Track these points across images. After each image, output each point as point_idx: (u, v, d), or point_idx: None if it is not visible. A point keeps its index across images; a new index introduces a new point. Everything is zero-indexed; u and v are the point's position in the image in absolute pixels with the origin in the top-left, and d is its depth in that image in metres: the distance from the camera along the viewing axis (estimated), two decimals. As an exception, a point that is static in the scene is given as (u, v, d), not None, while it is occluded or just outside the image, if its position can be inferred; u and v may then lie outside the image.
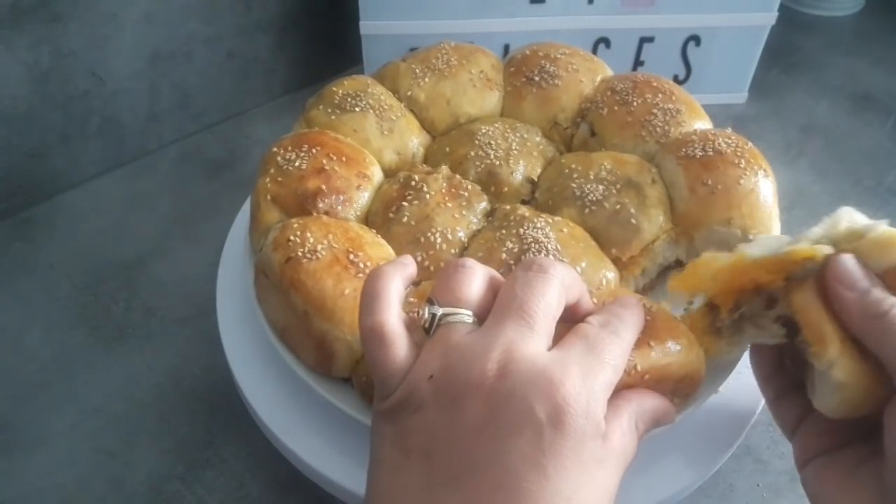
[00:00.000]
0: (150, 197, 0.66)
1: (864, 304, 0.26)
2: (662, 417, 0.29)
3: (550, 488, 0.21)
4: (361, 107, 0.48)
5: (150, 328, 0.54)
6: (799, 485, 0.44)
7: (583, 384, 0.23)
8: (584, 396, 0.22)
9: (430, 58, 0.52)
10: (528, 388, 0.22)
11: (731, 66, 0.74)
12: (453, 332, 0.25)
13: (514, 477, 0.21)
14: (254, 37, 0.73)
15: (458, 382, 0.23)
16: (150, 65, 0.67)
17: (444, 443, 0.23)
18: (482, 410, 0.22)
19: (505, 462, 0.21)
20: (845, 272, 0.27)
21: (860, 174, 0.69)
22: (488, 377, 0.23)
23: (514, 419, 0.22)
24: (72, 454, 0.46)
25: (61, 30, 0.59)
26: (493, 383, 0.22)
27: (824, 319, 0.28)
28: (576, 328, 0.26)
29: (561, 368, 0.23)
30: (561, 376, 0.22)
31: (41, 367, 0.51)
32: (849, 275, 0.27)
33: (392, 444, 0.24)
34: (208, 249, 0.56)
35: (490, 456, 0.22)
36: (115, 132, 0.67)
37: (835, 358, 0.28)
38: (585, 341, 0.25)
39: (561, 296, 0.25)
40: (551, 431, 0.22)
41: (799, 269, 0.29)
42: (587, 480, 0.22)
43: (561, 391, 0.22)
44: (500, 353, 0.23)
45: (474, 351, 0.23)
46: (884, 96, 0.80)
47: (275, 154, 0.44)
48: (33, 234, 0.62)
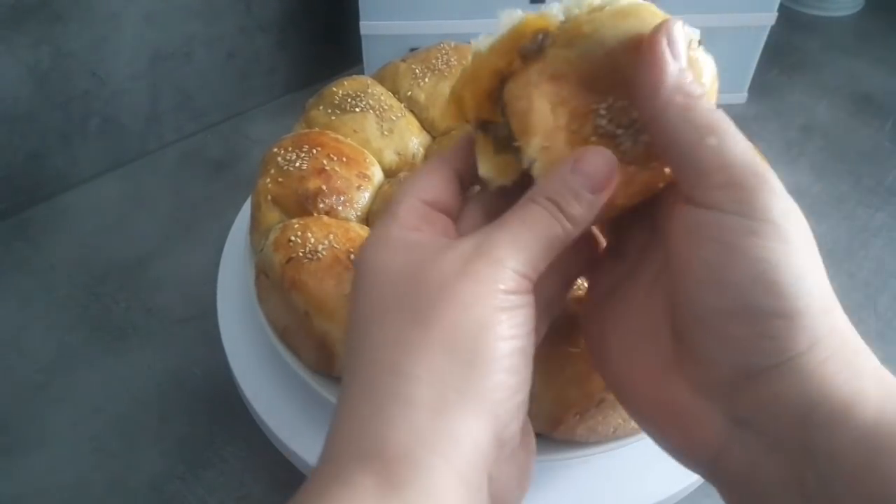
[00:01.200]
0: (151, 197, 0.66)
1: (680, 81, 0.21)
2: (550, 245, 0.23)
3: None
4: (361, 107, 0.48)
5: (150, 328, 0.54)
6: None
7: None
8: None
9: (430, 58, 0.52)
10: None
11: (731, 66, 0.74)
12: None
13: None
14: (254, 37, 0.73)
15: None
16: (151, 65, 0.67)
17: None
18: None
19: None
20: (675, 37, 0.22)
21: (860, 174, 0.69)
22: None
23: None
24: (72, 454, 0.46)
25: (61, 30, 0.59)
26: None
27: (532, 108, 0.23)
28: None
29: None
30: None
31: (41, 366, 0.51)
32: (676, 44, 0.22)
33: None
34: (209, 249, 0.56)
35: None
36: (115, 132, 0.67)
37: (535, 154, 0.24)
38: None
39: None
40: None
41: (531, 44, 0.24)
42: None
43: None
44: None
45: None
46: (883, 96, 0.80)
47: (275, 154, 0.44)
48: (33, 234, 0.62)
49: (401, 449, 0.19)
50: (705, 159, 0.21)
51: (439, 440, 0.19)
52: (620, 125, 0.24)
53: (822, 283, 0.21)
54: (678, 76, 0.22)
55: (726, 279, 0.20)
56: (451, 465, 0.19)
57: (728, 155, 0.21)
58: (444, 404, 0.19)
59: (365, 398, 0.20)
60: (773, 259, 0.20)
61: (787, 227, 0.20)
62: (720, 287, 0.21)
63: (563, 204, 0.22)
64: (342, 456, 0.20)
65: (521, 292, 0.21)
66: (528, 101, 0.24)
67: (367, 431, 0.20)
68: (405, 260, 0.22)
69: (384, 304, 0.21)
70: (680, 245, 0.22)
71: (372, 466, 0.19)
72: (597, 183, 0.23)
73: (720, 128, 0.21)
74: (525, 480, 0.24)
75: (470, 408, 0.20)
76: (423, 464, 0.19)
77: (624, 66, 0.23)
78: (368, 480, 0.19)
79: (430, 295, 0.21)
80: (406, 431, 0.19)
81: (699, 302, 0.21)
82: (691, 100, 0.21)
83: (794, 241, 0.20)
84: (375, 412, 0.20)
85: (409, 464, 0.19)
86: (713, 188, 0.21)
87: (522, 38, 0.24)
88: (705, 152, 0.21)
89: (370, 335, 0.21)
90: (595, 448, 0.35)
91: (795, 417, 0.20)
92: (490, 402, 0.20)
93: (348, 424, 0.20)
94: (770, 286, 0.20)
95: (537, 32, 0.24)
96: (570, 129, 0.24)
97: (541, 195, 0.23)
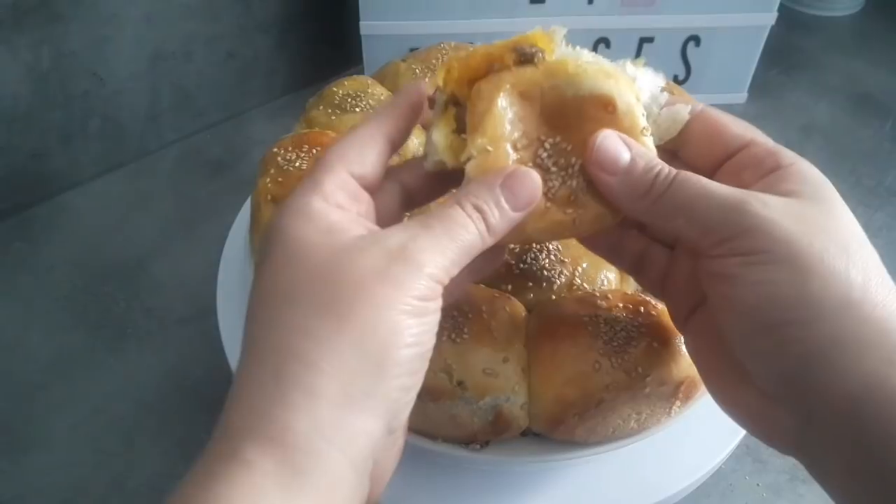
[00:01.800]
0: (151, 197, 0.66)
1: (627, 184, 0.24)
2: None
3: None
4: (362, 107, 0.48)
5: (150, 328, 0.54)
6: (799, 484, 0.45)
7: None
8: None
9: (430, 58, 0.52)
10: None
11: (731, 66, 0.74)
12: None
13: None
14: (254, 37, 0.73)
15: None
16: (151, 65, 0.67)
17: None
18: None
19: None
20: (604, 153, 0.24)
21: (860, 174, 0.69)
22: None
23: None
24: (72, 454, 0.46)
25: (62, 30, 0.59)
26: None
27: (490, 111, 0.25)
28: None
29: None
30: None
31: (41, 367, 0.51)
32: (607, 155, 0.24)
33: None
34: (208, 249, 0.56)
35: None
36: (115, 132, 0.67)
37: (475, 153, 0.25)
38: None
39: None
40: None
41: (528, 49, 0.26)
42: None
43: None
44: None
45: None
46: (883, 96, 0.80)
47: (275, 154, 0.44)
48: (33, 234, 0.62)
49: (302, 438, 0.20)
50: (685, 234, 0.25)
51: (339, 434, 0.20)
52: (557, 164, 0.26)
53: (834, 284, 0.22)
54: (632, 184, 0.24)
55: (740, 307, 0.23)
56: (346, 457, 0.20)
57: (700, 225, 0.24)
58: (347, 401, 0.20)
59: (268, 381, 0.21)
60: (772, 279, 0.22)
61: (777, 248, 0.22)
62: (737, 314, 0.24)
63: (486, 214, 0.24)
64: (241, 435, 0.20)
65: (433, 299, 0.22)
66: (490, 104, 0.25)
67: (269, 415, 0.20)
68: (324, 242, 0.22)
69: (298, 287, 0.22)
70: (705, 285, 0.25)
71: (272, 450, 0.19)
72: (520, 202, 0.24)
73: (682, 204, 0.24)
74: (399, 455, 0.26)
75: (370, 407, 0.21)
76: (323, 455, 0.20)
77: (584, 116, 0.25)
78: (268, 464, 0.19)
79: (347, 290, 0.21)
80: (308, 421, 0.20)
81: (728, 329, 0.24)
82: (648, 199, 0.24)
83: (793, 259, 0.22)
84: (279, 398, 0.20)
85: (309, 453, 0.20)
86: (705, 247, 0.24)
87: (525, 42, 0.26)
88: (684, 230, 0.24)
89: (280, 316, 0.21)
90: (594, 448, 0.35)
91: (844, 414, 0.22)
92: (389, 401, 0.21)
93: (248, 404, 0.21)
94: (775, 301, 0.22)
95: (536, 44, 0.26)
96: (515, 145, 0.25)
97: (467, 201, 0.24)
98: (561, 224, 0.26)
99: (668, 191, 0.24)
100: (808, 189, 0.24)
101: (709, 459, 0.39)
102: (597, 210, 0.26)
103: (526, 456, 0.35)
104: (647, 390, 0.33)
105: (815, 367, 0.22)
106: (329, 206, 0.23)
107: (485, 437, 0.35)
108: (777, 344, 0.23)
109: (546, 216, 0.25)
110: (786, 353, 0.23)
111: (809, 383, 0.22)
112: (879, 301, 0.22)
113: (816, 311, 0.22)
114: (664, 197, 0.24)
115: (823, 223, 0.23)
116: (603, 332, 0.33)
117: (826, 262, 0.22)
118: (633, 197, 0.25)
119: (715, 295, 0.25)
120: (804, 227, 0.23)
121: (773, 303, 0.22)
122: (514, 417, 0.34)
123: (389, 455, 0.25)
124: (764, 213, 0.23)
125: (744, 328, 0.24)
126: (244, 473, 0.19)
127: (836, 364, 0.22)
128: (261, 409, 0.20)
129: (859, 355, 0.21)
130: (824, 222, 0.23)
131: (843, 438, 0.22)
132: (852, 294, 0.22)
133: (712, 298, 0.25)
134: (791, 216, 0.23)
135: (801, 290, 0.22)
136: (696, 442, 0.39)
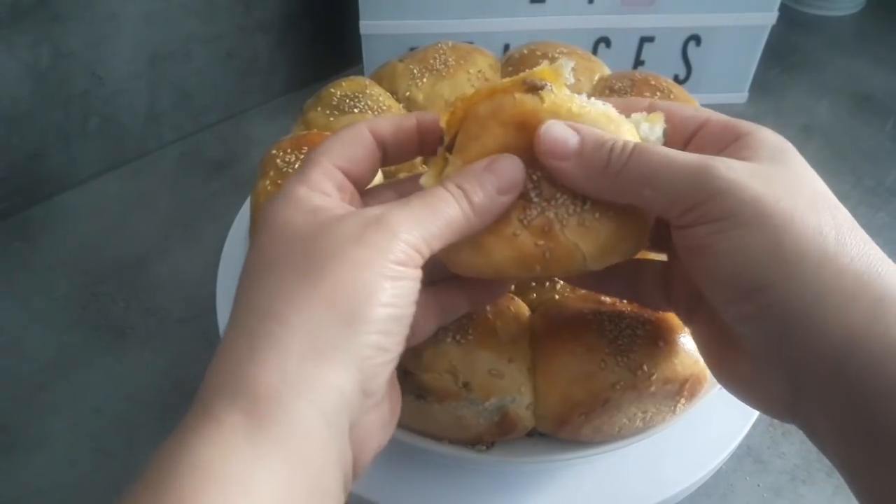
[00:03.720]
0: (150, 197, 0.66)
1: (582, 166, 0.24)
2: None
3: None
4: (360, 108, 0.47)
5: (149, 328, 0.53)
6: (800, 484, 0.45)
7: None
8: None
9: (428, 58, 0.52)
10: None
11: (732, 65, 0.73)
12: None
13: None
14: (253, 36, 0.73)
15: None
16: (150, 65, 0.66)
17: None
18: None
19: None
20: (551, 140, 0.24)
21: (860, 174, 0.69)
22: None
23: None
24: (71, 454, 0.45)
25: (61, 29, 0.59)
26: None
27: (481, 139, 0.25)
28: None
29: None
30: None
31: (40, 367, 0.51)
32: (555, 141, 0.24)
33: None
34: (208, 249, 0.56)
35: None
36: (114, 132, 0.67)
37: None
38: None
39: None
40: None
41: (539, 81, 0.26)
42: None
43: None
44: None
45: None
46: (884, 96, 0.80)
47: (274, 156, 0.44)
48: (32, 234, 0.61)
49: (270, 389, 0.20)
50: (653, 205, 0.24)
51: (307, 385, 0.20)
52: (539, 194, 0.26)
53: (807, 240, 0.22)
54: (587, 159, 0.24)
55: (717, 277, 0.23)
56: (316, 408, 0.20)
57: (666, 194, 0.24)
58: (316, 354, 0.21)
59: (242, 341, 0.21)
60: (744, 245, 0.22)
61: (745, 210, 0.22)
62: (716, 284, 0.24)
63: (469, 192, 0.24)
64: (214, 394, 0.20)
65: (409, 265, 0.23)
66: (482, 130, 0.25)
67: (239, 372, 0.20)
68: (305, 220, 0.23)
69: (277, 257, 0.23)
70: (684, 260, 0.25)
71: (241, 404, 0.20)
72: (504, 184, 0.25)
73: (645, 174, 0.24)
74: (388, 428, 0.25)
75: (339, 360, 0.21)
76: (290, 405, 0.20)
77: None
78: (236, 416, 0.20)
79: (322, 254, 0.22)
80: (276, 374, 0.20)
81: (713, 299, 0.24)
82: (608, 176, 0.24)
83: (762, 219, 0.22)
84: (249, 354, 0.21)
85: (277, 403, 0.20)
86: (674, 216, 0.24)
87: (533, 76, 0.26)
88: (652, 201, 0.24)
89: (258, 284, 0.22)
90: (599, 447, 0.35)
91: (831, 371, 0.21)
92: (359, 358, 0.21)
93: (223, 365, 0.21)
94: (749, 267, 0.22)
95: (545, 79, 0.26)
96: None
97: (450, 182, 0.25)
98: (531, 257, 0.25)
99: (629, 163, 0.24)
100: (768, 153, 0.24)
101: (709, 460, 0.39)
102: (569, 247, 0.25)
103: (531, 456, 0.35)
104: (652, 388, 0.33)
105: (797, 326, 0.22)
106: (313, 192, 0.24)
107: (490, 439, 0.35)
108: (759, 308, 0.22)
109: (515, 243, 0.25)
110: (768, 315, 0.22)
111: (795, 343, 0.22)
112: (855, 254, 0.22)
113: (793, 269, 0.22)
114: (625, 170, 0.24)
115: (788, 183, 0.23)
116: (608, 331, 0.33)
117: (796, 219, 0.22)
118: (592, 175, 0.24)
119: (694, 269, 0.24)
120: (770, 188, 0.22)
121: (748, 269, 0.22)
122: (519, 418, 0.34)
123: (373, 421, 0.24)
124: (729, 176, 0.22)
125: (726, 296, 0.24)
126: (214, 428, 0.19)
127: (817, 320, 0.21)
128: (232, 366, 0.21)
129: (840, 309, 0.21)
130: (788, 182, 0.23)
131: (831, 399, 0.22)
132: (826, 248, 0.22)
133: (693, 273, 0.25)
134: (756, 178, 0.23)
135: (774, 251, 0.22)
136: (695, 442, 0.39)
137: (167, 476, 0.19)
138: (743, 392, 0.26)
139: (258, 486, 0.19)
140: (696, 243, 0.23)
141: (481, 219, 0.24)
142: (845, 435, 0.22)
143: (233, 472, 0.19)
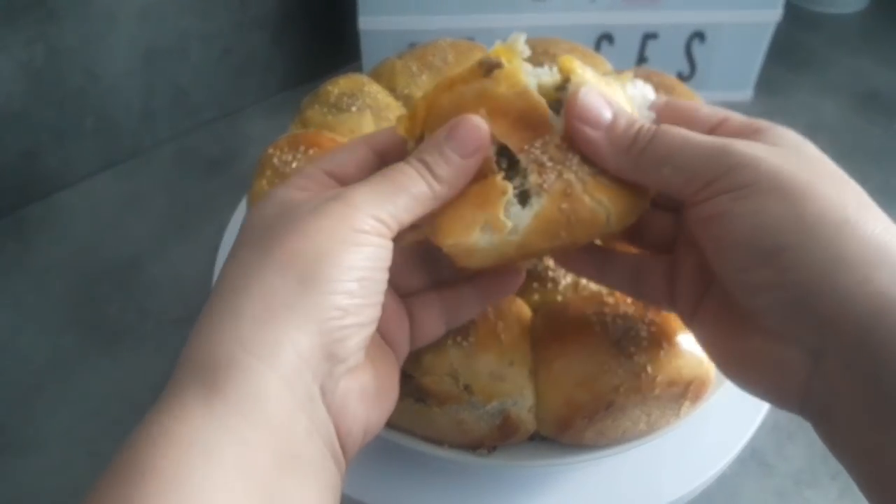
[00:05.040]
0: (146, 196, 0.65)
1: (610, 141, 0.25)
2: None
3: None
4: (358, 106, 0.47)
5: (145, 329, 0.53)
6: (804, 488, 0.44)
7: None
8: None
9: (427, 55, 0.51)
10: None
11: (737, 63, 0.73)
12: None
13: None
14: (250, 33, 0.72)
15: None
16: (145, 62, 0.66)
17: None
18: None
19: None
20: (587, 108, 0.25)
21: (866, 172, 0.68)
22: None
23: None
24: (67, 457, 0.45)
25: (56, 27, 0.59)
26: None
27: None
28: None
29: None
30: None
31: (35, 368, 0.50)
32: (590, 110, 0.25)
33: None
34: (204, 249, 0.55)
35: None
36: (109, 130, 0.67)
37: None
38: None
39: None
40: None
41: (493, 59, 0.26)
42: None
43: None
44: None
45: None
46: (890, 94, 0.79)
47: (271, 156, 0.43)
48: (27, 234, 0.61)
49: (226, 355, 0.20)
50: (671, 184, 0.24)
51: (261, 347, 0.20)
52: (552, 158, 0.25)
53: (830, 204, 0.22)
54: (617, 135, 0.25)
55: (734, 241, 0.23)
56: (273, 370, 0.20)
57: (685, 171, 0.24)
58: (270, 315, 0.21)
59: (205, 319, 0.22)
60: (763, 208, 0.22)
61: (764, 180, 0.22)
62: (732, 250, 0.23)
63: (431, 164, 0.24)
64: (180, 370, 0.21)
65: (374, 234, 0.23)
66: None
67: (200, 346, 0.21)
68: (274, 210, 0.24)
69: (241, 244, 0.24)
70: (698, 236, 0.25)
71: (200, 374, 0.20)
72: (466, 148, 0.24)
73: (665, 154, 0.24)
74: (377, 402, 0.25)
75: (294, 320, 0.21)
76: (245, 368, 0.20)
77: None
78: (195, 388, 0.20)
79: (282, 229, 0.22)
80: (230, 340, 0.21)
81: (727, 272, 0.24)
82: (632, 153, 0.24)
83: (782, 187, 0.22)
84: (209, 327, 0.21)
85: (232, 368, 0.20)
86: (691, 193, 0.24)
87: (487, 57, 0.26)
88: (670, 180, 0.24)
89: (228, 267, 0.23)
90: (602, 451, 0.35)
91: (853, 340, 0.21)
92: (317, 319, 0.21)
93: (188, 347, 0.22)
94: (767, 228, 0.22)
95: (499, 57, 0.26)
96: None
97: (412, 156, 0.25)
98: (556, 223, 0.25)
99: (652, 143, 0.24)
100: (788, 143, 0.24)
101: (713, 463, 0.38)
102: (593, 207, 0.25)
103: (533, 460, 0.34)
104: (656, 391, 0.32)
105: (819, 292, 0.21)
106: (290, 189, 0.25)
107: (492, 443, 0.34)
108: (778, 272, 0.22)
109: (542, 213, 0.24)
110: (788, 280, 0.22)
111: (817, 311, 0.21)
112: (877, 227, 0.21)
113: (815, 232, 0.21)
114: (648, 149, 0.24)
115: (808, 161, 0.23)
116: (611, 333, 0.32)
117: (817, 189, 0.22)
118: (618, 151, 0.25)
119: (708, 240, 0.24)
120: (789, 163, 0.22)
121: (767, 231, 0.22)
122: (521, 421, 0.33)
123: (350, 389, 0.23)
124: (748, 151, 0.23)
125: (742, 263, 0.23)
126: (176, 400, 0.20)
127: (840, 286, 0.21)
128: (196, 340, 0.21)
129: (865, 275, 0.20)
130: (808, 162, 0.23)
131: (855, 374, 0.21)
132: (848, 213, 0.21)
133: (706, 246, 0.24)
134: (775, 155, 0.23)
135: (796, 213, 0.21)
136: (700, 446, 0.39)
137: (133, 450, 0.19)
138: (753, 380, 0.25)
139: (220, 448, 0.19)
140: (714, 211, 0.23)
141: (449, 187, 0.24)
142: (864, 408, 0.21)
143: (193, 437, 0.19)
